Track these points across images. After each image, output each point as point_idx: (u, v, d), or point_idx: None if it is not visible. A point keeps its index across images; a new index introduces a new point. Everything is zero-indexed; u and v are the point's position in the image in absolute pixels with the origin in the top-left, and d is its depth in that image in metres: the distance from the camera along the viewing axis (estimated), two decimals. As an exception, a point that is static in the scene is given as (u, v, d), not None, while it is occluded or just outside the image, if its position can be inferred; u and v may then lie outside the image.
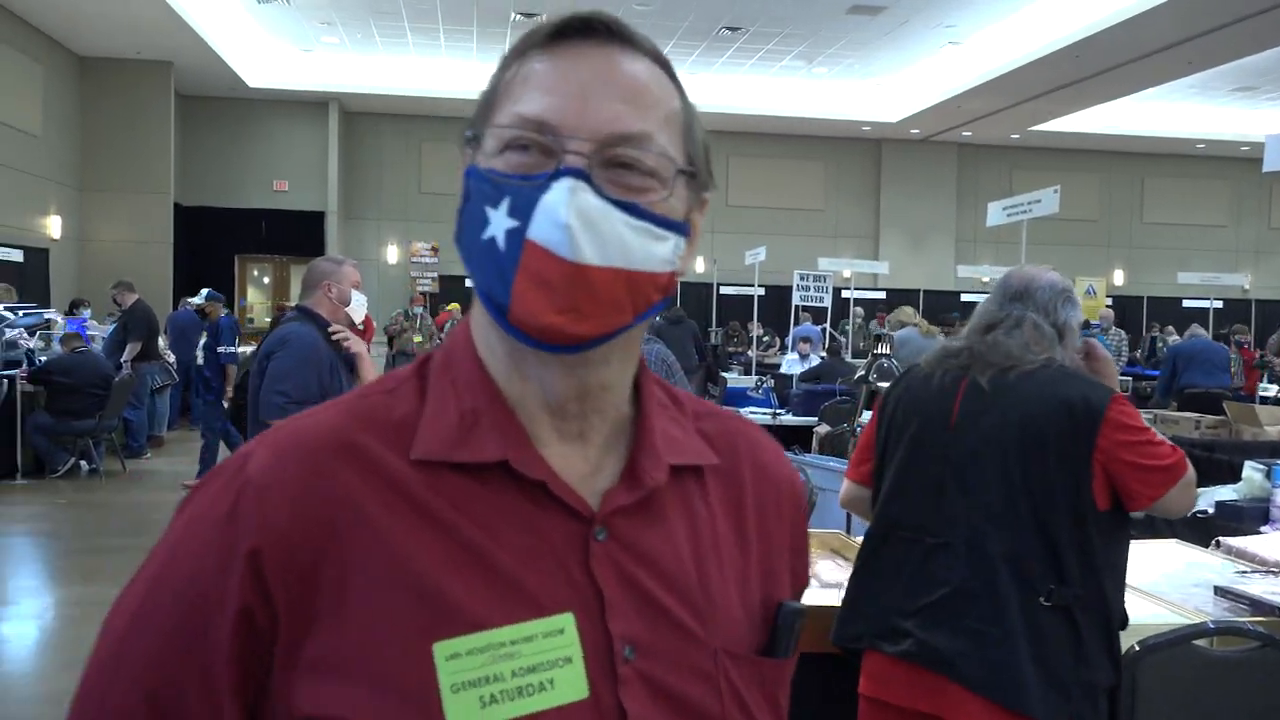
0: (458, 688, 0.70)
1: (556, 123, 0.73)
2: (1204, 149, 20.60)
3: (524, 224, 0.72)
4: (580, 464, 0.79)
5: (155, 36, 13.94)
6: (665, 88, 0.79)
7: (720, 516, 0.84)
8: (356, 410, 0.78)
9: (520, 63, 0.77)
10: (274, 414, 3.54)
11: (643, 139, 0.75)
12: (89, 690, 0.77)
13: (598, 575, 0.75)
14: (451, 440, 0.75)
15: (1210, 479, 5.06)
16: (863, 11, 13.49)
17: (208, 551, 0.74)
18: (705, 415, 0.89)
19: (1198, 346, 10.23)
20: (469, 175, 0.77)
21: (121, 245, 15.17)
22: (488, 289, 0.74)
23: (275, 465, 0.74)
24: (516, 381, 0.78)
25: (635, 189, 0.75)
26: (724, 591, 0.81)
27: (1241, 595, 2.72)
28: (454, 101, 17.96)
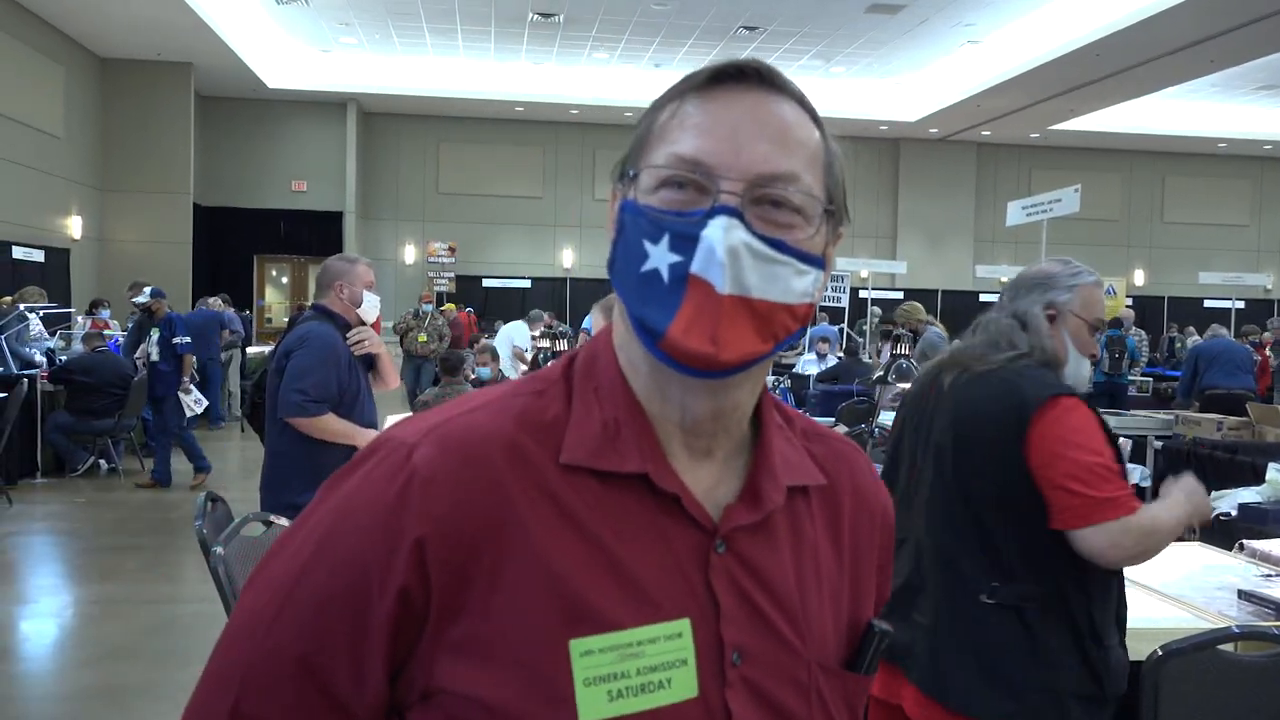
0: (589, 682, 0.76)
1: (711, 163, 0.79)
2: (1226, 148, 20.41)
3: (687, 259, 0.77)
4: (705, 478, 0.85)
5: (175, 38, 14.04)
6: (809, 129, 0.84)
7: (822, 535, 0.90)
8: (513, 410, 0.83)
9: (675, 106, 0.82)
10: (292, 412, 3.56)
11: (790, 178, 0.80)
12: (238, 639, 0.81)
13: (715, 586, 0.81)
14: (595, 448, 0.81)
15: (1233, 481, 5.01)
16: (881, 10, 13.44)
17: (374, 532, 0.78)
18: (814, 436, 0.95)
19: (1219, 347, 10.12)
20: (625, 209, 0.82)
21: (141, 245, 15.28)
22: (643, 316, 0.79)
23: (442, 459, 0.79)
24: (657, 400, 0.84)
25: (782, 225, 0.80)
26: (820, 608, 0.88)
27: (1266, 599, 2.69)
28: (471, 102, 18.02)
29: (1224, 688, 2.23)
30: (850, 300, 13.92)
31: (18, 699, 4.33)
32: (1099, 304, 2.15)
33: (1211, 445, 6.07)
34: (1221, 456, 5.81)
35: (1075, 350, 2.14)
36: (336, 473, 0.85)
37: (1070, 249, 20.93)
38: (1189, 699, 2.18)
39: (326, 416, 3.58)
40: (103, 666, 4.64)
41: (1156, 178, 21.60)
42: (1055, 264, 2.21)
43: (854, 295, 14.53)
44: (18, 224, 12.51)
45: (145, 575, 6.13)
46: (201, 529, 2.87)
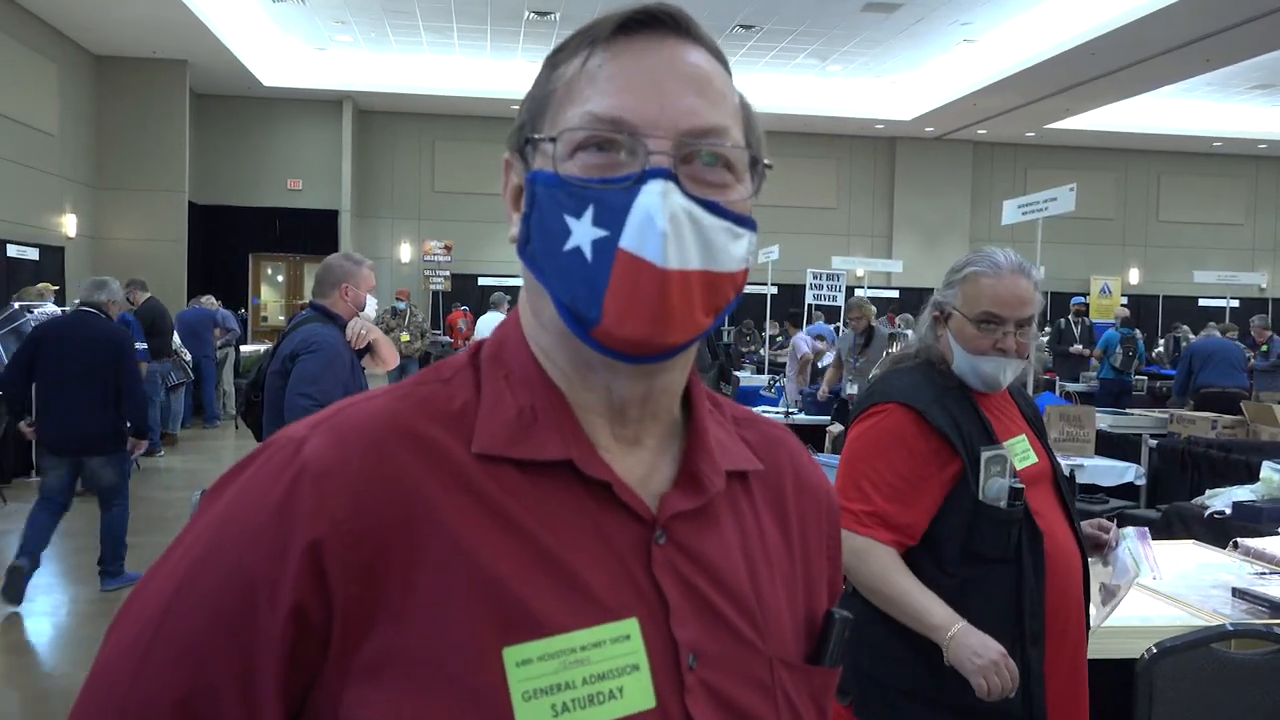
0: (529, 695, 0.66)
1: (634, 120, 0.70)
2: (1221, 147, 20.45)
3: (614, 233, 0.68)
4: (636, 467, 0.76)
5: (171, 35, 14.00)
6: (726, 80, 0.76)
7: (768, 522, 0.82)
8: (415, 397, 0.74)
9: (580, 60, 0.74)
10: (299, 416, 3.54)
11: (720, 131, 0.72)
12: (105, 685, 0.69)
13: (660, 580, 0.72)
14: (511, 435, 0.72)
15: (1227, 479, 5.02)
16: (877, 9, 13.44)
17: (258, 541, 0.67)
18: (745, 421, 0.87)
19: (1214, 346, 10.14)
20: (536, 180, 0.73)
21: (136, 244, 15.25)
22: (570, 302, 0.70)
23: (335, 450, 0.69)
24: (578, 386, 0.75)
25: (714, 185, 0.72)
26: (775, 599, 0.79)
27: (1260, 597, 2.69)
28: (467, 100, 18.00)
29: (1218, 686, 2.23)
30: (846, 299, 13.91)
31: (12, 697, 4.32)
32: (986, 297, 2.00)
33: (1206, 444, 6.08)
34: (1216, 455, 5.83)
35: (961, 349, 2.02)
36: (219, 479, 0.73)
37: (1065, 248, 20.92)
38: (1183, 697, 2.18)
39: None
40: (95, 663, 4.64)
41: (1152, 177, 21.62)
42: (968, 255, 2.13)
43: (850, 294, 14.53)
44: (12, 222, 12.48)
45: (140, 573, 6.12)
46: (196, 528, 2.86)
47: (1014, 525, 1.92)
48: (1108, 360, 12.00)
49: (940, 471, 1.96)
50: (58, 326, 5.88)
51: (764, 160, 0.77)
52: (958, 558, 1.94)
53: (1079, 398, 11.54)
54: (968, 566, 1.93)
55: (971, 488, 1.93)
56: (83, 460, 5.59)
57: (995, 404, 2.09)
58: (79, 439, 5.52)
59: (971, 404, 2.03)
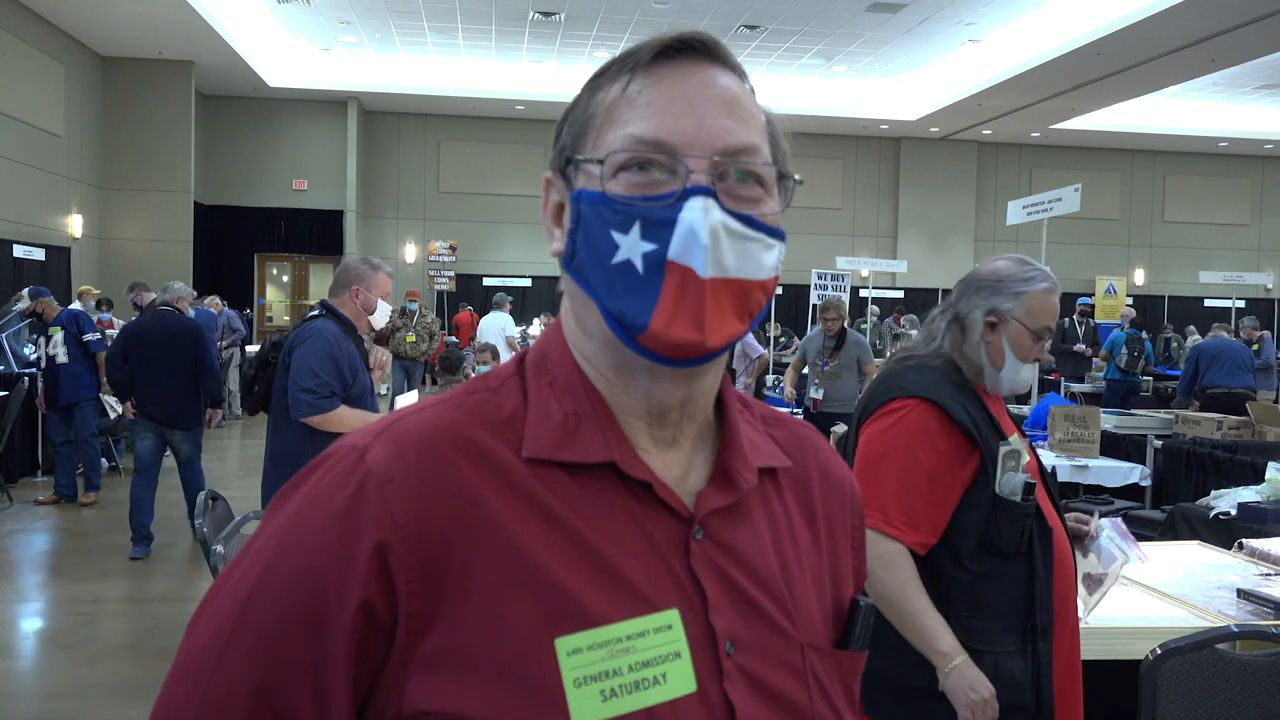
0: (580, 682, 0.71)
1: (674, 142, 0.75)
2: (1227, 147, 20.41)
3: (662, 246, 0.74)
4: (674, 467, 0.81)
5: (176, 36, 14.04)
6: (753, 100, 0.82)
7: (796, 517, 0.88)
8: (467, 406, 0.79)
9: (620, 86, 0.79)
10: (303, 411, 3.57)
11: (752, 150, 0.78)
12: (187, 679, 0.74)
13: (699, 573, 0.77)
14: (558, 439, 0.77)
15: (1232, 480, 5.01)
16: (882, 9, 13.43)
17: (327, 545, 0.72)
18: (773, 421, 0.92)
19: (1220, 346, 10.11)
20: (582, 199, 0.78)
21: (142, 244, 15.29)
22: (620, 311, 0.75)
23: (397, 458, 0.74)
24: (619, 392, 0.80)
25: (749, 200, 0.77)
26: (804, 589, 0.84)
27: (1265, 598, 2.69)
28: (472, 101, 18.02)
29: (1223, 687, 2.23)
30: (851, 299, 13.90)
31: (17, 697, 4.34)
32: (1047, 311, 2.07)
33: (1211, 445, 6.07)
34: (1221, 456, 5.81)
35: (1014, 356, 2.07)
36: (284, 487, 0.78)
37: (1071, 248, 20.88)
38: (1188, 698, 2.18)
39: (339, 409, 3.59)
40: (102, 664, 4.64)
41: (1157, 177, 21.59)
42: (1011, 265, 2.13)
43: (855, 294, 14.53)
44: (18, 222, 12.52)
45: (145, 573, 6.13)
46: (202, 527, 2.87)
47: (1028, 519, 1.96)
48: (1114, 361, 11.99)
49: (961, 468, 1.98)
50: (144, 323, 6.91)
51: (792, 175, 0.82)
52: (974, 552, 1.96)
53: (1084, 398, 11.53)
54: (984, 561, 1.96)
55: (990, 483, 1.96)
56: (166, 433, 6.58)
57: (995, 404, 2.12)
58: (167, 414, 6.57)
59: (981, 402, 2.06)
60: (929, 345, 2.14)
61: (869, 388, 2.17)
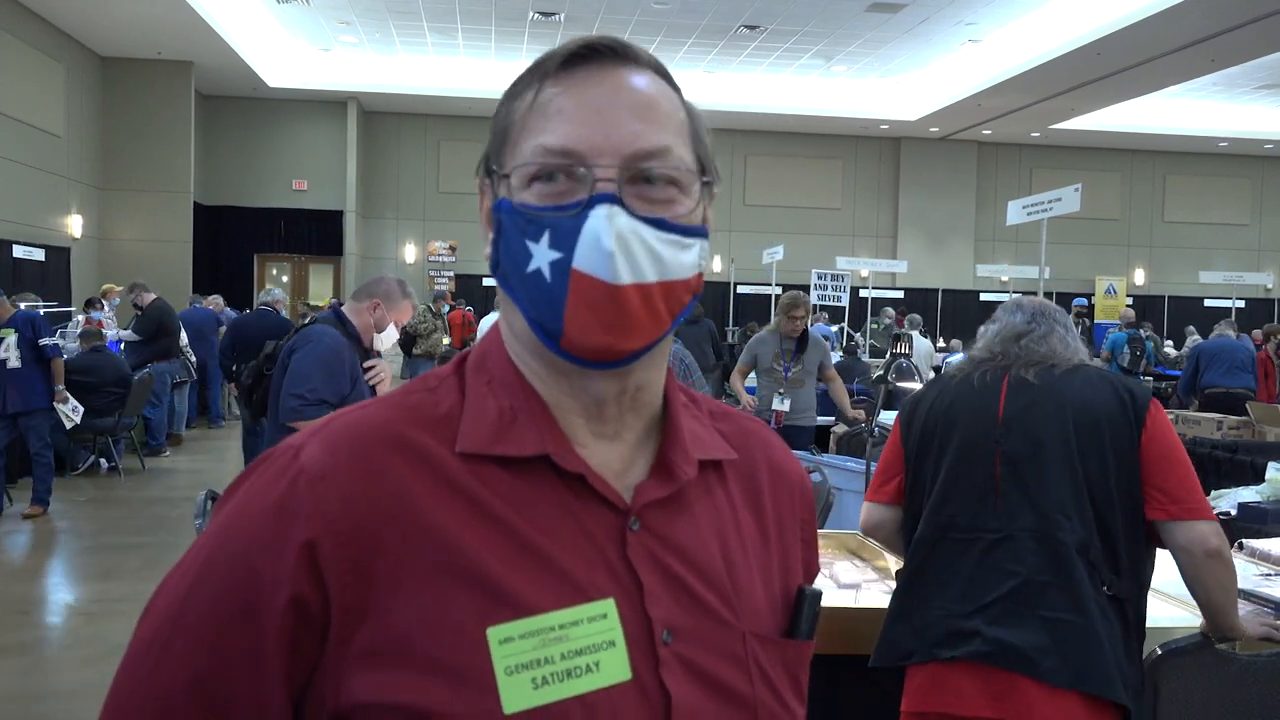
0: (511, 670, 0.73)
1: (581, 150, 0.76)
2: (1227, 147, 20.41)
3: (568, 255, 0.75)
4: (614, 461, 0.82)
5: (176, 37, 14.04)
6: (671, 98, 0.82)
7: (741, 509, 0.88)
8: (403, 405, 0.81)
9: (532, 94, 0.79)
10: (290, 416, 3.52)
11: (662, 153, 0.78)
12: (132, 672, 0.77)
13: (635, 564, 0.79)
14: (493, 434, 0.79)
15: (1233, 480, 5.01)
16: (882, 9, 13.43)
17: (259, 539, 0.74)
18: (720, 415, 0.93)
19: (1221, 345, 10.09)
20: (500, 209, 0.80)
21: (141, 244, 15.29)
22: (538, 318, 0.77)
23: (329, 456, 0.76)
24: (554, 389, 0.82)
25: (660, 202, 0.78)
26: (749, 578, 0.85)
27: (1265, 599, 2.69)
28: (472, 101, 18.02)
29: (1224, 687, 2.23)
30: (850, 299, 13.91)
31: (18, 697, 4.34)
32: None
33: (1211, 444, 6.07)
34: (1221, 456, 5.81)
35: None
36: (228, 487, 0.81)
37: (1071, 248, 20.91)
38: (1189, 698, 2.18)
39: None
40: (103, 665, 4.64)
41: (1157, 177, 21.59)
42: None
43: (854, 294, 14.53)
44: (18, 223, 12.51)
45: (146, 573, 6.13)
46: (202, 527, 2.87)
47: None
48: (1115, 360, 12.00)
49: None
50: (248, 320, 8.75)
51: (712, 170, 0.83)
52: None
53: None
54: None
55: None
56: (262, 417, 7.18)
57: None
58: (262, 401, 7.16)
59: None
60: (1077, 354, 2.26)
61: (1117, 388, 2.18)
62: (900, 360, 8.00)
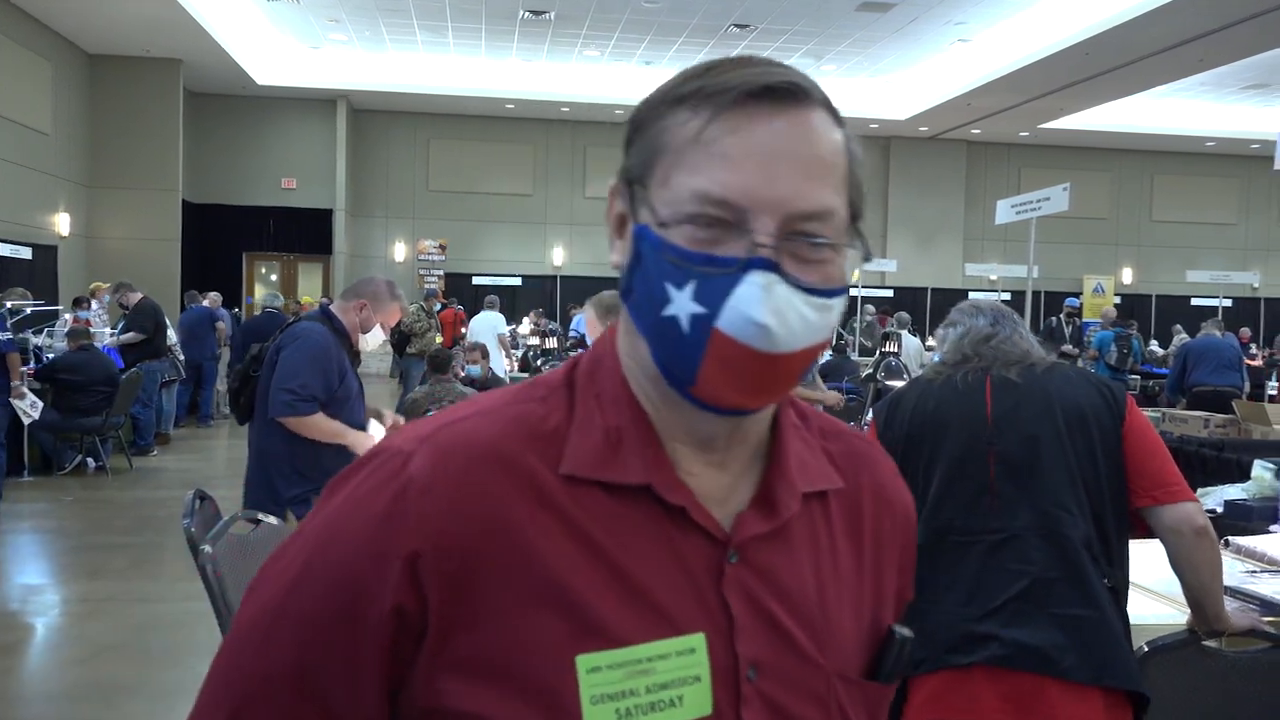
0: (597, 699, 0.73)
1: (742, 203, 0.73)
2: (1214, 146, 20.50)
3: (712, 313, 0.72)
4: (717, 487, 0.80)
5: (164, 34, 13.98)
6: (836, 145, 0.78)
7: (840, 539, 0.87)
8: (514, 417, 0.79)
9: (697, 125, 0.74)
10: (281, 411, 3.55)
11: (824, 216, 0.75)
12: (237, 653, 0.79)
13: (729, 598, 0.78)
14: (597, 458, 0.77)
15: (1219, 478, 5.03)
16: (872, 8, 13.46)
17: (366, 547, 0.75)
18: (831, 435, 0.91)
19: (1208, 344, 10.13)
20: (644, 239, 0.76)
21: (129, 243, 15.22)
22: (667, 363, 0.75)
23: (437, 469, 0.75)
24: (664, 414, 0.80)
25: (814, 262, 0.75)
26: (840, 616, 0.84)
27: (1251, 595, 2.70)
28: (462, 99, 18.01)
29: (1210, 683, 2.24)
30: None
31: (5, 697, 4.31)
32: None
33: (1198, 443, 6.09)
34: (1208, 454, 5.84)
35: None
36: (332, 481, 0.82)
37: (1059, 247, 20.97)
38: (1175, 694, 2.19)
39: (315, 416, 3.58)
40: (90, 665, 4.62)
41: (1145, 176, 21.68)
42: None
43: (844, 293, 14.54)
44: (5, 221, 12.45)
45: (133, 573, 6.11)
46: (189, 527, 2.86)
47: None
48: (1103, 359, 12.05)
49: None
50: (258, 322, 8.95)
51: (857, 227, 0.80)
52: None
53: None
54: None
55: None
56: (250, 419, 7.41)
57: None
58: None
59: None
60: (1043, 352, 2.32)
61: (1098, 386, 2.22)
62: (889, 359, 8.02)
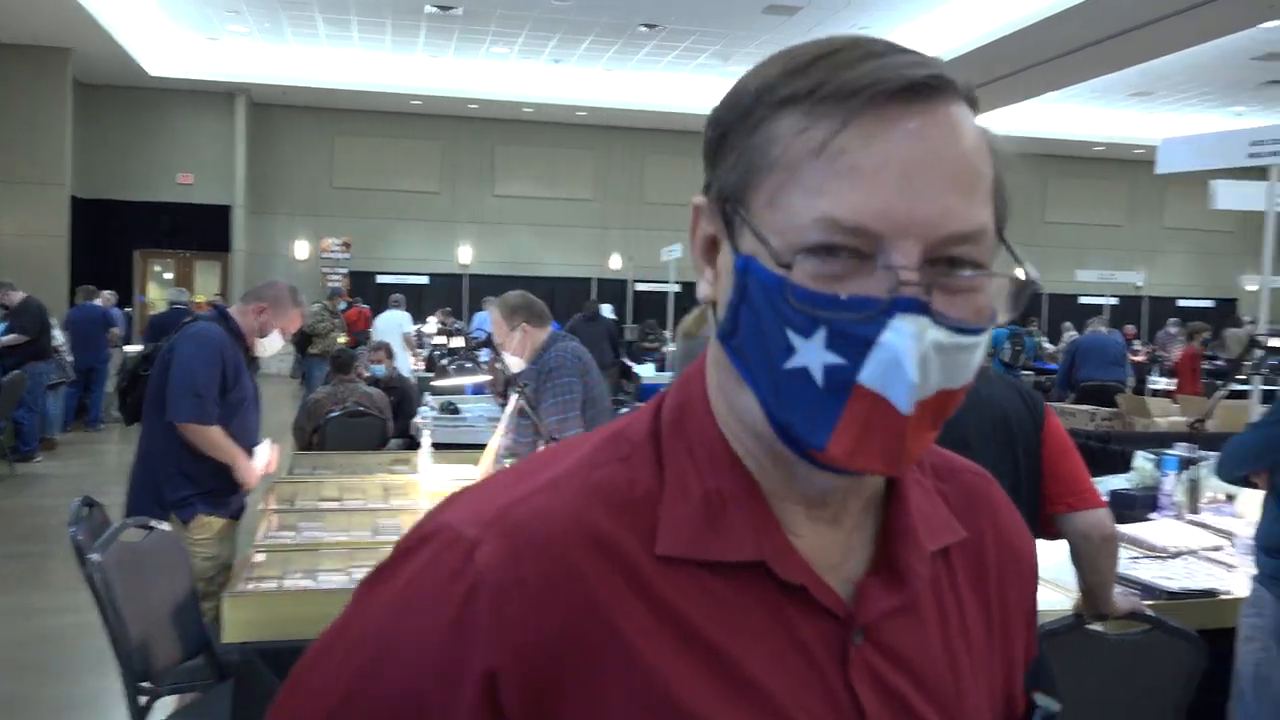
0: None
1: (880, 230, 0.60)
2: (1103, 151, 21.37)
3: (853, 366, 0.59)
4: (832, 550, 0.69)
5: (53, 22, 13.41)
6: (984, 149, 0.67)
7: (967, 597, 0.76)
8: (594, 485, 0.67)
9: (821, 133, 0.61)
10: (190, 416, 3.47)
11: (977, 237, 0.63)
12: None
13: (857, 688, 0.66)
14: (697, 533, 0.65)
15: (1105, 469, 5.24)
16: (779, 11, 13.64)
17: (431, 662, 0.62)
18: (944, 473, 0.79)
19: (1095, 341, 10.57)
20: (749, 274, 0.62)
21: (14, 240, 14.55)
22: (789, 423, 0.62)
23: (512, 560, 0.63)
24: (770, 470, 0.67)
25: (962, 292, 0.62)
26: (975, 690, 0.73)
27: (1134, 580, 2.82)
28: (367, 95, 17.68)
29: (1095, 664, 2.33)
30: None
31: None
32: None
33: (1085, 435, 6.34)
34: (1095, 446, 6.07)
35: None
36: (375, 570, 0.68)
37: (958, 247, 21.66)
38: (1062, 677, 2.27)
39: (213, 430, 3.50)
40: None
41: (1039, 179, 22.45)
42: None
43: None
44: (-123, 215, 11.80)
45: (18, 585, 5.85)
46: (76, 535, 2.76)
47: None
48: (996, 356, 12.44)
49: None
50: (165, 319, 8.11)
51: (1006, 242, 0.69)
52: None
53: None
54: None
55: None
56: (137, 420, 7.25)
57: None
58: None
59: None
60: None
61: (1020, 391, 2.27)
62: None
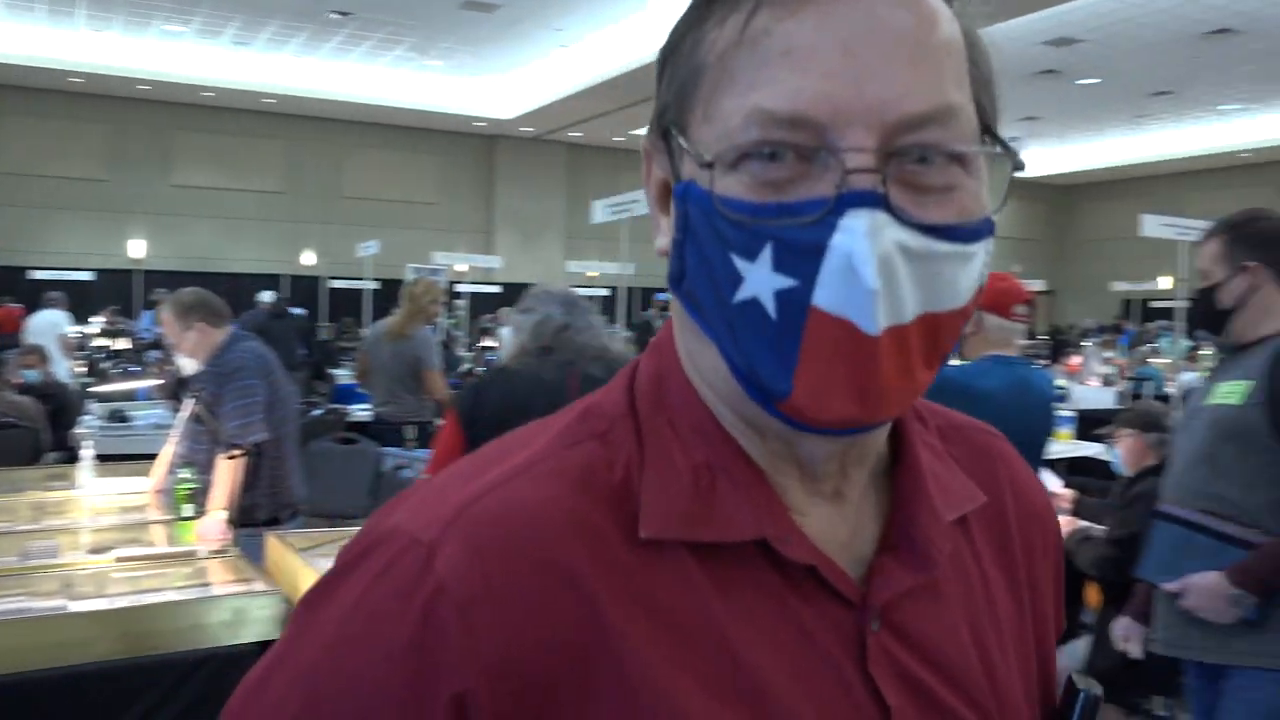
0: None
1: (822, 117, 0.50)
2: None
3: (805, 285, 0.50)
4: (839, 529, 0.60)
5: None
6: (948, 17, 0.54)
7: (990, 567, 0.66)
8: (570, 468, 0.57)
9: (740, 17, 0.53)
10: None
11: (944, 115, 0.52)
12: None
13: (879, 680, 0.57)
14: (686, 511, 0.56)
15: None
16: (476, 8, 13.61)
17: (390, 691, 0.52)
18: (952, 434, 0.69)
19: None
20: (689, 199, 0.54)
21: None
22: (748, 368, 0.53)
23: (477, 566, 0.52)
24: (755, 438, 0.58)
25: (937, 190, 0.52)
26: (1007, 673, 0.64)
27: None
28: (17, 69, 15.85)
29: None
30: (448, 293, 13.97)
31: None
32: None
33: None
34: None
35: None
36: (313, 590, 0.58)
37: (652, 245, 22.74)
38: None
39: None
40: None
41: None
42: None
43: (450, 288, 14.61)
44: None
45: None
46: None
47: None
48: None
49: None
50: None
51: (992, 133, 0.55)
52: None
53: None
54: None
55: None
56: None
57: None
58: None
59: None
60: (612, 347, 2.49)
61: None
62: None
